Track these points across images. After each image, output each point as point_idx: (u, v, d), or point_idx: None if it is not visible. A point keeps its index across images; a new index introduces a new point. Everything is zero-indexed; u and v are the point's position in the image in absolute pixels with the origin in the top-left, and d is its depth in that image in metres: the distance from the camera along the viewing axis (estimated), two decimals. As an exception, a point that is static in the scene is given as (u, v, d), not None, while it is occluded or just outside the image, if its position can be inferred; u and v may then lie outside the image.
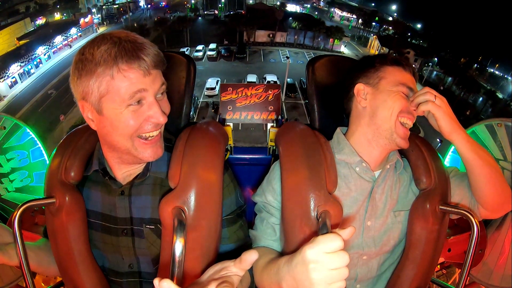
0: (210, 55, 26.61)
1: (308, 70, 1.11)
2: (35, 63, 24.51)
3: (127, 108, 0.70)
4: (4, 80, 21.08)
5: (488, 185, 0.86)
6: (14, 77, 22.04)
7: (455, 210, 0.86)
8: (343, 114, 1.02)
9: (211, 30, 32.89)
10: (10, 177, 1.63)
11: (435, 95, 0.84)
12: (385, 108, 0.86)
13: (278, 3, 44.03)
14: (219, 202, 0.82)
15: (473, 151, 0.84)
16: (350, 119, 0.97)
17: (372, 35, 35.95)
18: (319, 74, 1.10)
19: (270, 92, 1.58)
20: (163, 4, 42.12)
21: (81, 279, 0.86)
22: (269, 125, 1.56)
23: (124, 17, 36.71)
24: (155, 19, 32.00)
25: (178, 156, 0.80)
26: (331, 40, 31.75)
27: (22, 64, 23.20)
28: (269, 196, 0.92)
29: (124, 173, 0.84)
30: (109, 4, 38.34)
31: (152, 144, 0.77)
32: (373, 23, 39.40)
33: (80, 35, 30.52)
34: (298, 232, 0.81)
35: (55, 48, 27.31)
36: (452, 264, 1.69)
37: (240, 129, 15.51)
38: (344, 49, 32.79)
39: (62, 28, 29.83)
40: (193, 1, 42.51)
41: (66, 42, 28.66)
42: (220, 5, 41.92)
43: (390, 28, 38.32)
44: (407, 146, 0.88)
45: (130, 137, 0.74)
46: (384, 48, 30.20)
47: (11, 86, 21.67)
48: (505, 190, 0.87)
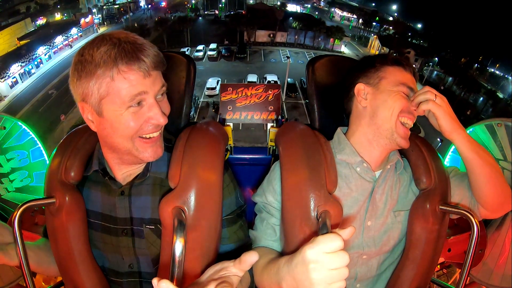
0: (211, 55, 26.58)
1: (308, 70, 1.11)
2: (36, 63, 24.52)
3: (127, 110, 0.70)
4: (5, 80, 21.10)
5: (488, 185, 0.86)
6: (15, 77, 22.06)
7: (455, 210, 0.86)
8: (343, 114, 1.01)
9: (212, 30, 32.89)
10: (10, 177, 1.63)
11: (436, 94, 0.84)
12: (386, 108, 0.86)
13: (279, 3, 43.96)
14: (219, 202, 0.82)
15: (473, 151, 0.84)
16: (351, 119, 0.97)
17: (373, 35, 35.90)
18: (319, 74, 1.10)
19: (270, 92, 1.58)
20: (164, 5, 42.13)
21: (81, 279, 0.86)
22: (269, 125, 1.56)
23: (125, 17, 36.69)
24: (156, 19, 31.97)
25: (178, 156, 0.80)
26: (332, 40, 31.75)
27: (23, 64, 23.20)
28: (270, 197, 0.92)
29: (124, 173, 0.84)
30: (110, 4, 38.34)
31: (152, 144, 0.77)
32: (374, 23, 39.37)
33: (81, 35, 30.54)
34: (298, 232, 0.81)
35: (56, 48, 27.31)
36: (452, 264, 1.69)
37: (241, 129, 15.51)
38: (345, 49, 32.75)
39: (63, 28, 29.84)
40: (194, 1, 42.50)
41: (67, 42, 28.67)
42: (221, 5, 41.89)
43: (391, 28, 38.26)
44: (408, 146, 0.88)
45: (131, 138, 0.74)
46: (385, 48, 30.15)
47: (12, 86, 21.69)
48: (505, 190, 0.87)
